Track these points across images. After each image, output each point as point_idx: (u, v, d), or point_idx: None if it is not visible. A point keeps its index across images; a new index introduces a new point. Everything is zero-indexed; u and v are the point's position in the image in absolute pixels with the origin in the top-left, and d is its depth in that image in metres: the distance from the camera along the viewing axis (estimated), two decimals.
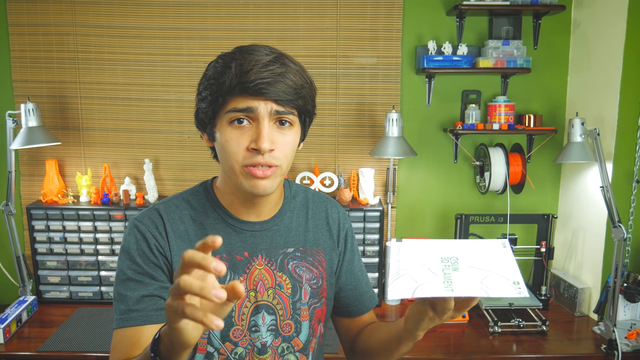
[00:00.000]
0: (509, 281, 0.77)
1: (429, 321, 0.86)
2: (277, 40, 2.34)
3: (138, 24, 2.34)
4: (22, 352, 1.91)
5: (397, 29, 2.35)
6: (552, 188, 2.48)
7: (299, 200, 1.09)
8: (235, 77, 0.87)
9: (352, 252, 1.14)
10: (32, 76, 2.36)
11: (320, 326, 1.07)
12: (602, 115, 2.13)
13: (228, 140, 0.91)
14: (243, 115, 0.89)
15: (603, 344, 1.93)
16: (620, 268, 1.94)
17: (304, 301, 1.03)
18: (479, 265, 0.81)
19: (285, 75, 0.89)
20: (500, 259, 0.82)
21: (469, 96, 2.41)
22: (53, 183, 2.36)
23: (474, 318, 2.18)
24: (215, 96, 0.91)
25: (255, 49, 0.91)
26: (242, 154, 0.90)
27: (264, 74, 0.87)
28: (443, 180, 2.45)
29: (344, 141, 2.43)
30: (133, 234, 0.97)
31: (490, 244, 0.86)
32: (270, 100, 0.88)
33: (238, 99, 0.89)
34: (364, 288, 1.15)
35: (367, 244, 2.29)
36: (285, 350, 1.02)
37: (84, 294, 2.30)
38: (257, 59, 0.88)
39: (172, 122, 2.42)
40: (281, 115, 0.90)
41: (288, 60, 0.91)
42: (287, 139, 0.92)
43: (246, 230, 1.00)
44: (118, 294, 0.96)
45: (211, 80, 0.92)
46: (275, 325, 1.01)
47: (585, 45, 2.26)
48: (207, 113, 0.93)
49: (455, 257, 0.83)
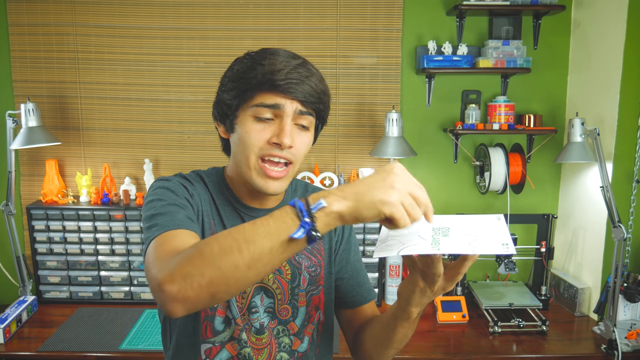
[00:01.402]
0: (497, 242, 0.76)
1: (421, 293, 0.86)
2: (277, 40, 2.34)
3: (138, 24, 2.34)
4: (22, 352, 1.91)
5: (397, 29, 2.35)
6: (552, 188, 2.48)
7: (299, 192, 1.14)
8: (267, 74, 0.91)
9: (349, 242, 1.16)
10: (32, 76, 2.36)
11: (319, 313, 1.09)
12: (602, 115, 2.13)
13: (249, 131, 0.94)
14: (269, 111, 0.93)
15: (603, 344, 1.93)
16: (620, 268, 1.94)
17: (302, 287, 1.06)
18: (470, 232, 0.80)
19: (310, 80, 0.94)
20: (493, 227, 0.81)
21: (469, 96, 2.41)
22: (53, 183, 2.36)
23: (474, 318, 2.18)
24: (243, 89, 0.94)
25: (283, 52, 0.96)
26: (261, 145, 0.93)
27: (293, 74, 0.92)
28: (443, 180, 2.45)
29: (344, 141, 2.43)
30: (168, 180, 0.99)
31: (484, 217, 0.86)
32: (296, 100, 0.93)
33: (266, 94, 0.92)
34: (362, 279, 1.17)
35: (367, 244, 2.29)
36: (281, 332, 1.04)
37: (84, 294, 2.30)
38: (287, 61, 0.93)
39: (172, 122, 2.42)
40: (302, 116, 0.94)
41: (312, 67, 0.97)
42: (304, 139, 0.97)
43: (251, 216, 1.04)
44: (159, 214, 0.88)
45: (240, 74, 0.95)
46: (272, 308, 1.03)
47: (585, 45, 2.26)
48: (230, 105, 0.97)
49: (447, 227, 0.82)
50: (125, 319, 2.15)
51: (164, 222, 0.86)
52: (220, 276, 0.70)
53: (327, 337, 1.13)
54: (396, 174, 0.74)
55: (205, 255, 0.71)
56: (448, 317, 2.15)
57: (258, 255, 0.71)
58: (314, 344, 1.09)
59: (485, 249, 0.74)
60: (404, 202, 0.73)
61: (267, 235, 0.72)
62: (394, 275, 2.30)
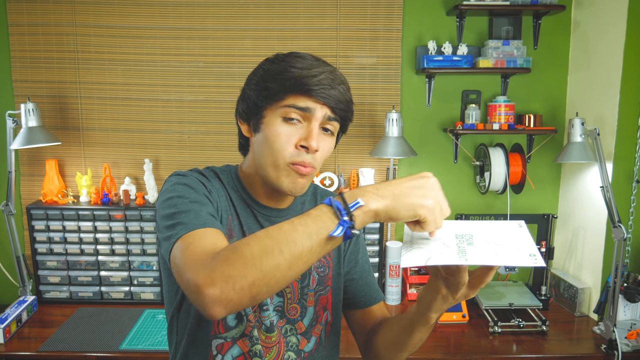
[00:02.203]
0: (524, 253, 0.75)
1: (442, 300, 0.85)
2: (277, 40, 2.35)
3: (138, 24, 2.34)
4: (22, 352, 1.91)
5: (397, 29, 2.35)
6: (552, 188, 2.48)
7: (309, 193, 1.14)
8: (301, 77, 0.92)
9: (357, 242, 1.17)
10: (32, 76, 2.36)
11: (327, 314, 1.09)
12: (602, 115, 2.13)
13: (279, 134, 0.94)
14: (299, 113, 0.93)
15: (603, 344, 1.93)
16: (620, 268, 1.94)
17: (311, 287, 1.06)
18: (495, 241, 0.79)
19: (340, 87, 0.96)
20: (517, 236, 0.81)
21: (469, 96, 2.41)
22: (53, 183, 2.36)
23: (474, 318, 2.18)
24: (275, 90, 0.94)
25: (311, 57, 0.97)
26: (290, 150, 0.94)
27: (326, 81, 0.93)
28: (443, 180, 2.41)
29: (344, 141, 2.43)
30: (185, 175, 0.97)
31: (506, 224, 0.85)
32: (326, 106, 0.94)
33: (298, 97, 0.93)
34: (370, 279, 1.18)
35: (367, 244, 2.29)
36: (289, 331, 1.04)
37: (84, 294, 2.30)
38: (321, 67, 0.94)
39: (172, 122, 2.42)
40: (329, 122, 0.96)
41: (341, 75, 0.98)
42: (327, 145, 0.98)
43: (263, 214, 1.04)
44: (181, 213, 0.85)
45: (272, 74, 0.95)
46: (282, 306, 1.03)
47: (585, 45, 2.26)
48: (258, 104, 0.97)
49: (470, 234, 0.81)
50: (125, 319, 2.15)
51: (188, 220, 0.84)
52: (262, 277, 0.70)
53: (334, 339, 1.13)
54: (433, 183, 0.80)
55: (247, 257, 0.70)
56: (448, 317, 2.15)
57: (299, 254, 0.72)
58: (321, 345, 1.08)
59: (513, 259, 0.74)
60: (435, 209, 0.77)
61: (307, 235, 0.72)
62: (394, 275, 2.30)
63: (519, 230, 0.82)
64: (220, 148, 2.43)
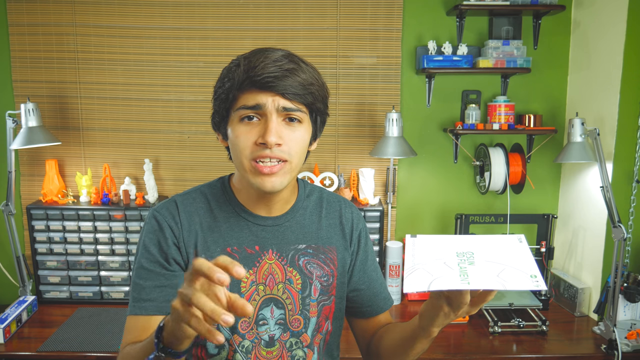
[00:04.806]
0: (526, 274, 0.75)
1: (444, 317, 0.85)
2: (277, 40, 2.34)
3: (138, 24, 2.34)
4: (22, 352, 1.91)
5: (397, 29, 2.35)
6: (552, 188, 2.48)
7: (313, 199, 1.11)
8: (244, 73, 0.90)
9: (366, 252, 1.14)
10: (32, 76, 2.36)
11: (328, 323, 1.08)
12: (602, 115, 2.13)
13: (238, 135, 0.93)
14: (252, 112, 0.92)
15: (603, 344, 1.93)
16: (620, 268, 1.94)
17: (313, 297, 1.04)
18: (495, 260, 0.79)
19: (294, 72, 0.90)
20: (517, 253, 0.81)
21: (469, 96, 2.41)
22: (53, 183, 2.36)
23: (474, 318, 2.18)
24: (226, 93, 0.93)
25: (268, 49, 0.94)
26: (250, 148, 0.92)
27: (271, 68, 0.89)
28: (443, 180, 2.45)
29: (344, 141, 2.43)
30: (150, 223, 1.01)
31: (506, 239, 0.85)
32: (278, 95, 0.90)
33: (247, 95, 0.91)
34: (378, 288, 1.15)
35: None
36: (294, 345, 1.03)
37: (84, 294, 2.30)
38: (267, 56, 0.91)
39: (172, 122, 2.42)
40: (289, 112, 0.92)
41: (298, 59, 0.93)
42: (295, 135, 0.94)
43: (258, 225, 1.03)
44: (133, 282, 1.00)
45: (224, 79, 0.95)
46: (284, 319, 1.02)
47: (585, 45, 2.26)
48: (220, 112, 0.97)
49: (471, 252, 0.81)
50: (125, 319, 2.14)
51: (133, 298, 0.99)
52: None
53: (332, 348, 1.12)
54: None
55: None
56: None
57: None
58: (320, 354, 1.07)
59: (515, 283, 0.74)
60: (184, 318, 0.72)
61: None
62: (394, 275, 2.30)
63: (519, 246, 0.83)
64: (220, 148, 2.39)
